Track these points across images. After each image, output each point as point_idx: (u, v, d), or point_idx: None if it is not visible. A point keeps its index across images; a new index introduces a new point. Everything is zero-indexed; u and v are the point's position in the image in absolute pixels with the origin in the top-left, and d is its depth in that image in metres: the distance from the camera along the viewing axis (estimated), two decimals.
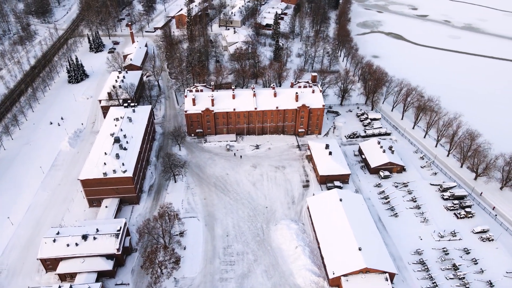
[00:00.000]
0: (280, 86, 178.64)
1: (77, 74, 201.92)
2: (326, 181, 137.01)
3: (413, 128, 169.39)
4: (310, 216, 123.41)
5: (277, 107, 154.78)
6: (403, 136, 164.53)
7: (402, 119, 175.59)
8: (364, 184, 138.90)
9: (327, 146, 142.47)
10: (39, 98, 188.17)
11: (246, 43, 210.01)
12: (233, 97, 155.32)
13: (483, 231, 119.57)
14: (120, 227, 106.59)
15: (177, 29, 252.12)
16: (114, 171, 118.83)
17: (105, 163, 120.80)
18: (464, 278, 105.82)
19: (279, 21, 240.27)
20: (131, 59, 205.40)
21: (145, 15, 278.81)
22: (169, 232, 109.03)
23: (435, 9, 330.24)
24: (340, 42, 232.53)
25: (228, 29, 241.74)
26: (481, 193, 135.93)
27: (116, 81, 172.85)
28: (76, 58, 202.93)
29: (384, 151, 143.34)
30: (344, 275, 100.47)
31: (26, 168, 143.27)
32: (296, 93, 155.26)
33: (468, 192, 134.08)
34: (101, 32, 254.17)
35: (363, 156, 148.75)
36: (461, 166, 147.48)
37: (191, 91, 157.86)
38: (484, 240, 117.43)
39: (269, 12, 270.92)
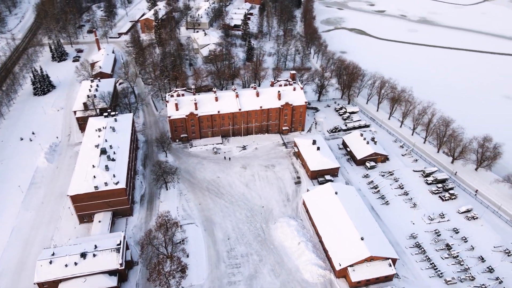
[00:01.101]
0: (259, 85, 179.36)
1: (43, 85, 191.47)
2: (317, 176, 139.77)
3: (388, 118, 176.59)
4: (307, 211, 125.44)
5: (261, 107, 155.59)
6: (381, 127, 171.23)
7: (377, 110, 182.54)
8: (352, 176, 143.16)
9: (314, 142, 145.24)
10: (4, 114, 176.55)
11: (219, 45, 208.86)
12: (216, 99, 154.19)
13: (468, 211, 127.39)
14: (120, 241, 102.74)
15: (144, 34, 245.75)
16: (106, 184, 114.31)
17: (94, 176, 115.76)
18: (458, 256, 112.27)
19: (243, 20, 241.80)
20: (100, 67, 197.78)
21: (107, 21, 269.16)
22: (171, 241, 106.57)
23: (391, 4, 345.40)
24: (309, 40, 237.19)
25: (197, 31, 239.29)
26: (456, 172, 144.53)
27: (89, 90, 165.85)
28: (41, 69, 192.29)
29: (367, 143, 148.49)
30: (351, 266, 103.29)
31: (2, 188, 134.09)
32: (279, 91, 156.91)
33: (448, 175, 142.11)
34: (63, 40, 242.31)
35: (348, 149, 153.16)
36: (438, 151, 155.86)
37: (172, 96, 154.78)
38: (469, 219, 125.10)
39: (235, 13, 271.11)
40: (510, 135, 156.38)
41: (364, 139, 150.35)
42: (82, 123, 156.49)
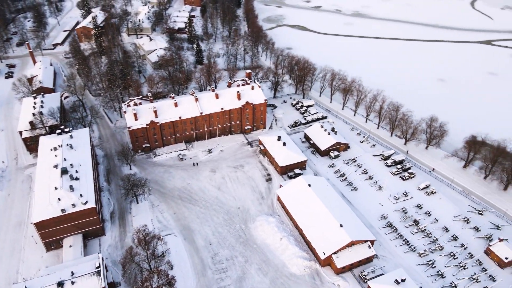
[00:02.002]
0: (216, 87, 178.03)
1: None
2: (286, 170, 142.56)
3: (342, 109, 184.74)
4: (283, 207, 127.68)
5: (222, 108, 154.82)
6: (337, 117, 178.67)
7: (331, 102, 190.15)
8: (319, 167, 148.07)
9: (279, 138, 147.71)
10: None
11: (168, 49, 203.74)
12: (176, 105, 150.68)
13: (426, 187, 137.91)
14: (99, 263, 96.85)
15: (83, 43, 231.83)
16: (74, 205, 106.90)
17: (59, 199, 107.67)
18: (425, 230, 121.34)
19: (188, 23, 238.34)
20: (40, 81, 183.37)
21: (37, 31, 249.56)
22: (152, 255, 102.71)
23: (325, 0, 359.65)
24: (255, 39, 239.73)
25: (141, 37, 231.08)
26: (407, 151, 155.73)
27: (34, 107, 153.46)
28: None
29: (329, 134, 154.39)
30: (334, 253, 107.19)
31: None
32: (238, 91, 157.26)
33: (405, 156, 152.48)
34: None
35: (311, 141, 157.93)
36: (391, 135, 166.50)
37: (129, 105, 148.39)
38: (429, 194, 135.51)
39: (177, 16, 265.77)
40: (452, 114, 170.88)
41: (325, 130, 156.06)
42: (31, 143, 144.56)
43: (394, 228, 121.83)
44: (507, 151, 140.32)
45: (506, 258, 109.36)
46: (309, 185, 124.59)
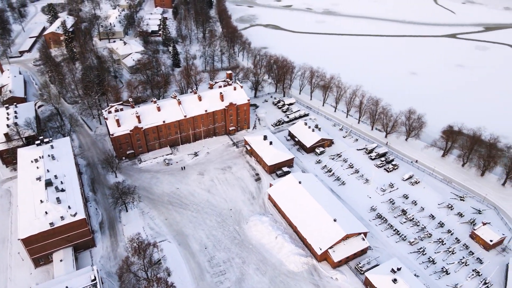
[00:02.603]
0: (197, 89, 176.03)
1: None
2: (275, 169, 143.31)
3: (323, 105, 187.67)
4: (274, 205, 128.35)
5: (206, 111, 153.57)
6: (319, 114, 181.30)
7: (311, 99, 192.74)
8: (306, 163, 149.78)
9: (265, 137, 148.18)
10: None
11: (144, 53, 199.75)
12: (158, 109, 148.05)
13: (410, 177, 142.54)
14: (95, 276, 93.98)
15: (53, 49, 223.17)
16: (62, 218, 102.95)
17: (46, 212, 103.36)
18: (413, 218, 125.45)
19: (162, 25, 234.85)
20: (10, 91, 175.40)
21: (1, 39, 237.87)
22: (149, 263, 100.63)
23: None
24: (231, 39, 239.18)
25: (114, 41, 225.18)
26: (387, 142, 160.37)
27: (7, 118, 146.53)
28: None
29: (313, 130, 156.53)
30: (330, 247, 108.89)
31: None
32: (221, 93, 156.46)
33: (387, 149, 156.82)
34: None
35: (296, 139, 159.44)
36: (372, 129, 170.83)
37: (110, 112, 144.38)
38: (413, 184, 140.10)
39: (149, 19, 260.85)
40: (427, 106, 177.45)
41: (309, 127, 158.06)
42: (7, 156, 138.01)
43: (384, 219, 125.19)
44: (482, 139, 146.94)
45: (491, 241, 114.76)
46: (300, 182, 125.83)
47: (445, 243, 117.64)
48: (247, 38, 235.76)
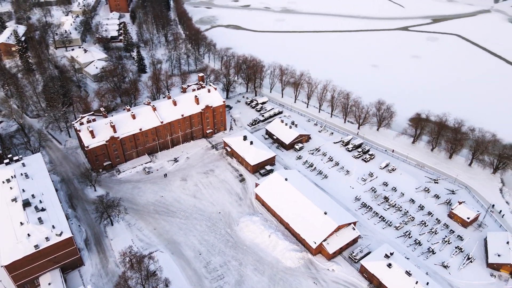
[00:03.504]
0: (169, 94, 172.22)
1: None
2: (258, 168, 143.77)
3: (294, 102, 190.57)
4: (263, 204, 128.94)
5: (182, 115, 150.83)
6: (292, 111, 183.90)
7: (282, 97, 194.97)
8: (287, 160, 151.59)
9: (245, 138, 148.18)
10: None
11: (107, 60, 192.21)
12: (133, 117, 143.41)
13: (387, 165, 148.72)
14: None
15: (4, 61, 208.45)
16: (47, 239, 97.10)
17: (29, 235, 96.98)
18: (395, 204, 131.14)
19: (123, 31, 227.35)
20: None
21: None
22: (146, 276, 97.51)
23: None
24: (195, 41, 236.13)
25: (73, 49, 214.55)
26: (358, 132, 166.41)
27: None
28: None
29: (290, 127, 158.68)
30: (324, 240, 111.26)
31: None
32: (196, 96, 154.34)
33: (362, 140, 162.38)
34: None
35: (274, 137, 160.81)
36: (345, 122, 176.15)
37: (82, 123, 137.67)
38: (390, 171, 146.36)
39: (107, 24, 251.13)
40: (393, 96, 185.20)
41: (286, 124, 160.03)
42: None
43: (369, 207, 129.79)
44: (447, 124, 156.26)
45: (468, 218, 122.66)
46: (286, 179, 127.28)
47: (427, 225, 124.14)
48: (211, 40, 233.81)
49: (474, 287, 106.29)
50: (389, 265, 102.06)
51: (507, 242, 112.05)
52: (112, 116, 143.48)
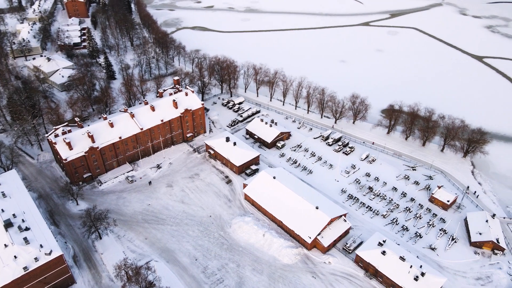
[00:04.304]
0: (145, 99, 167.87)
1: None
2: (243, 169, 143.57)
3: (270, 100, 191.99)
4: (253, 204, 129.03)
5: (162, 120, 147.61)
6: (268, 110, 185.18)
7: (257, 96, 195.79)
8: (271, 158, 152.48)
9: (227, 139, 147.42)
10: None
11: (78, 67, 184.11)
12: (112, 125, 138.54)
13: (367, 157, 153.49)
14: None
15: None
16: (36, 259, 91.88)
17: (15, 257, 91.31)
18: (380, 193, 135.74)
19: (87, 37, 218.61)
20: None
21: None
22: (145, 287, 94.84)
23: None
24: (163, 44, 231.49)
25: (34, 58, 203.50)
26: (333, 126, 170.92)
27: None
28: None
29: (270, 126, 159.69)
30: (319, 234, 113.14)
31: None
32: (174, 100, 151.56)
33: (341, 134, 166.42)
34: None
35: (255, 136, 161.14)
36: (321, 117, 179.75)
37: (57, 135, 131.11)
38: (371, 162, 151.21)
39: (68, 31, 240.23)
40: (366, 89, 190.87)
41: (266, 123, 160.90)
42: None
43: (355, 198, 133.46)
44: (419, 114, 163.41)
45: (448, 201, 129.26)
46: (274, 178, 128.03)
47: (411, 211, 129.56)
48: (180, 42, 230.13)
49: (461, 265, 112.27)
50: (383, 253, 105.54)
51: (486, 221, 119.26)
52: (88, 125, 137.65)
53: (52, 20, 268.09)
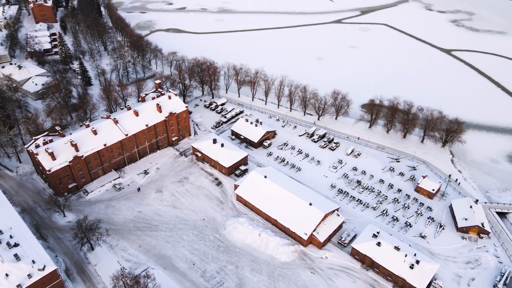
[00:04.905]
0: (125, 104, 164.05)
1: None
2: (233, 170, 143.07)
3: (252, 100, 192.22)
4: (245, 204, 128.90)
5: (146, 125, 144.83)
6: (251, 109, 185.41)
7: (239, 96, 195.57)
8: (259, 158, 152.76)
9: (215, 141, 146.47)
10: None
11: (53, 74, 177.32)
12: (95, 132, 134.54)
13: (352, 151, 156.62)
14: None
15: None
16: (30, 276, 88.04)
17: (7, 275, 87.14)
18: (368, 186, 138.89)
19: (59, 42, 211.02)
20: None
21: None
22: None
23: (188, 0, 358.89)
24: (138, 47, 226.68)
25: (3, 66, 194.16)
26: (314, 122, 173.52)
27: None
28: None
29: (256, 125, 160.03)
30: (314, 230, 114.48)
31: None
32: (158, 104, 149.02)
33: (326, 130, 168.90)
34: None
35: (241, 137, 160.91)
36: (304, 114, 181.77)
37: (38, 146, 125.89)
38: (356, 156, 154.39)
39: (37, 37, 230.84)
40: (345, 85, 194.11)
41: (251, 123, 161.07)
42: None
43: (345, 193, 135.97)
44: (399, 107, 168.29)
45: (433, 190, 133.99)
46: (265, 177, 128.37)
47: (399, 201, 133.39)
48: (156, 45, 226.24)
49: (450, 251, 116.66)
50: (378, 244, 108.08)
51: (470, 207, 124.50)
52: (70, 134, 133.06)
53: (19, 26, 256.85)
